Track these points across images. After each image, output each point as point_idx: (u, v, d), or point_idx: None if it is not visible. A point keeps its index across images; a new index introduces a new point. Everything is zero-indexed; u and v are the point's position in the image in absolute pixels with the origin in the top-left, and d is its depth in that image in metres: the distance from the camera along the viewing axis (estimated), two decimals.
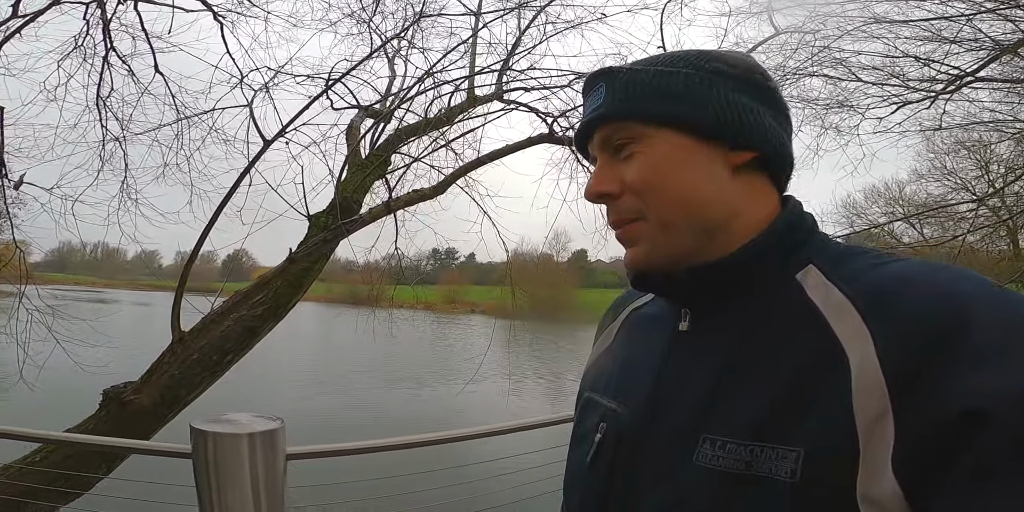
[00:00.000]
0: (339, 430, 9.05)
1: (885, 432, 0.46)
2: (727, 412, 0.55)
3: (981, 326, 0.46)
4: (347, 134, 3.93)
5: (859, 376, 0.48)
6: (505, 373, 7.42)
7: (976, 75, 5.97)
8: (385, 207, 2.76)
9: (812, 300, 0.56)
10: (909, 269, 0.53)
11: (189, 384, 2.85)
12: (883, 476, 0.46)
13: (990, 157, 12.53)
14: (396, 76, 4.58)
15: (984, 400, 0.43)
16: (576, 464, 0.70)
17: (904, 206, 15.15)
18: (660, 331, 0.67)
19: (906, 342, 0.47)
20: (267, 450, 1.49)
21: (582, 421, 0.73)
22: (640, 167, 0.62)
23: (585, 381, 0.79)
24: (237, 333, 3.09)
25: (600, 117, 0.65)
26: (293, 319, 13.12)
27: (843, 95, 6.00)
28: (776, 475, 0.49)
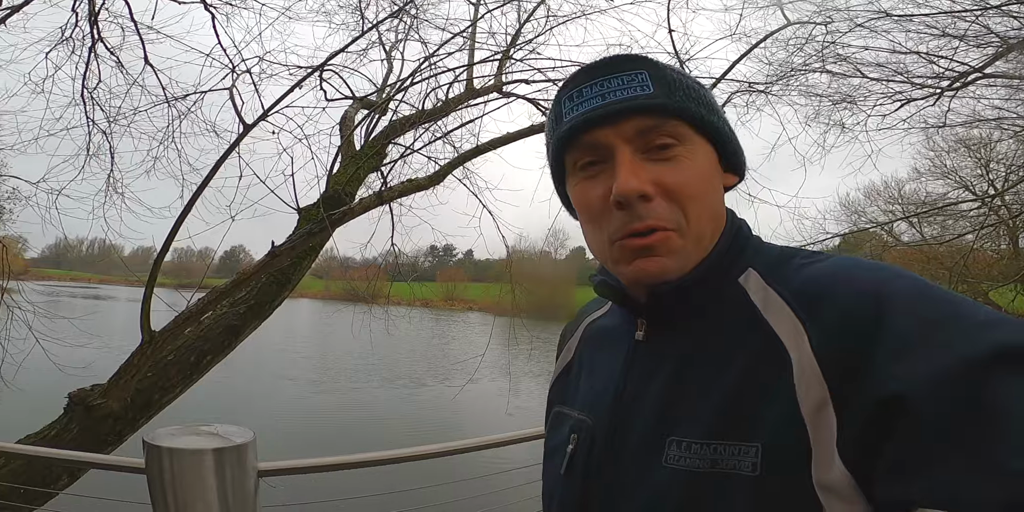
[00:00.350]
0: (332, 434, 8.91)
1: (828, 421, 0.49)
2: (688, 414, 0.57)
3: (901, 317, 0.49)
4: (341, 125, 3.80)
5: (799, 370, 0.52)
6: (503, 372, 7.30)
7: (983, 71, 5.88)
8: (377, 197, 2.62)
9: (754, 302, 0.59)
10: (834, 267, 0.57)
11: (164, 387, 2.70)
12: (833, 463, 0.49)
13: (991, 156, 12.47)
14: (393, 69, 4.46)
15: (904, 385, 0.45)
16: (551, 476, 0.71)
17: (903, 205, 15.08)
18: (619, 342, 0.69)
19: (835, 335, 0.51)
20: (235, 467, 1.35)
21: (554, 434, 0.74)
22: (689, 173, 0.60)
23: (552, 395, 0.81)
24: (217, 333, 2.92)
25: (658, 107, 0.60)
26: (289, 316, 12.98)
27: (848, 91, 5.92)
28: (740, 470, 0.52)
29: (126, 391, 2.41)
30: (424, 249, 19.69)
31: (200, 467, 1.32)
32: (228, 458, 1.34)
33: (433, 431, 9.35)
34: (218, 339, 2.92)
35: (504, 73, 4.21)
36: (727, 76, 3.53)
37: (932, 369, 0.45)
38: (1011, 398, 0.43)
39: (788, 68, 4.89)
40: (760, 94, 4.51)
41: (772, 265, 0.62)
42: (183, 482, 1.31)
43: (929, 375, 0.45)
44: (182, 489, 1.31)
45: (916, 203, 14.10)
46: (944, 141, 11.71)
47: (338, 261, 14.36)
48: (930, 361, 0.46)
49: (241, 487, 1.35)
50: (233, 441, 1.37)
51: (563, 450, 0.69)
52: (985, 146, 11.20)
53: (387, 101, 3.51)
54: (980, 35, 5.59)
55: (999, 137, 8.82)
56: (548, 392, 0.82)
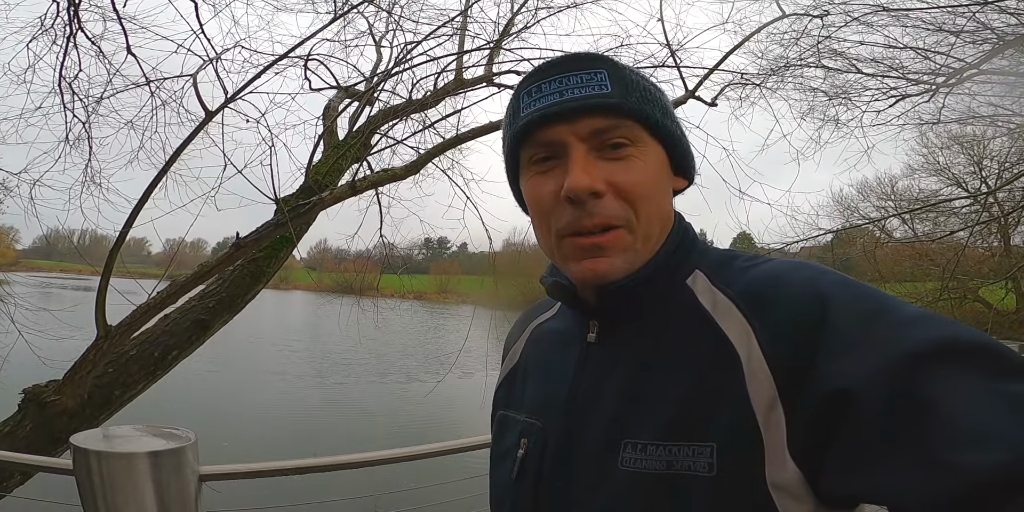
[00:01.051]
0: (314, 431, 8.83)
1: (778, 419, 0.50)
2: (643, 416, 0.57)
3: (840, 316, 0.51)
4: (324, 115, 3.71)
5: (749, 369, 0.53)
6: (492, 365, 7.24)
7: (979, 68, 5.85)
8: (350, 188, 2.53)
9: (702, 304, 0.60)
10: (776, 269, 0.58)
11: (125, 383, 2.60)
12: (784, 461, 0.50)
13: (984, 153, 12.48)
14: (382, 58, 4.37)
15: (847, 380, 0.47)
16: (501, 482, 0.70)
17: (896, 201, 15.11)
18: (569, 344, 0.69)
19: (782, 335, 0.52)
20: (173, 471, 1.28)
21: (500, 440, 0.73)
22: (640, 173, 0.61)
23: (497, 400, 0.79)
24: (184, 327, 2.82)
25: (614, 107, 0.60)
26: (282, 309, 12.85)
27: (843, 87, 5.88)
28: (696, 471, 0.52)
29: (82, 388, 2.33)
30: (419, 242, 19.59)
31: (132, 472, 1.24)
32: (165, 462, 1.26)
33: (423, 428, 9.27)
34: (184, 334, 2.82)
35: (495, 63, 4.14)
36: (720, 67, 3.47)
37: (870, 367, 0.47)
38: (943, 392, 0.44)
39: (783, 62, 4.84)
40: (754, 88, 4.47)
41: (717, 267, 0.63)
42: (113, 487, 1.24)
43: (867, 373, 0.47)
44: (113, 494, 1.24)
45: (909, 200, 14.15)
46: (938, 138, 11.73)
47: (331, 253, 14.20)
48: (868, 359, 0.47)
49: (180, 493, 1.28)
50: (170, 444, 1.30)
51: (513, 455, 0.68)
52: (979, 143, 11.21)
53: (372, 90, 3.42)
54: (976, 31, 5.55)
55: (993, 134, 8.82)
56: (494, 395, 0.80)
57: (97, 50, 4.59)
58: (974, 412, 0.43)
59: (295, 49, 2.63)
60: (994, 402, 0.43)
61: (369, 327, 5.32)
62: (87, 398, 2.43)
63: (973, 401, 0.43)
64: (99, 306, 2.08)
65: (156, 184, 2.07)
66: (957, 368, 0.45)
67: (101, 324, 2.14)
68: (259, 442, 7.87)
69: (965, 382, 0.44)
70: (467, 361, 4.28)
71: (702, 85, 3.47)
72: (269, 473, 1.43)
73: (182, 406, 8.36)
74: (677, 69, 3.20)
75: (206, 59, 2.58)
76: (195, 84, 2.23)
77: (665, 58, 3.34)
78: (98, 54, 4.60)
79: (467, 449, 1.81)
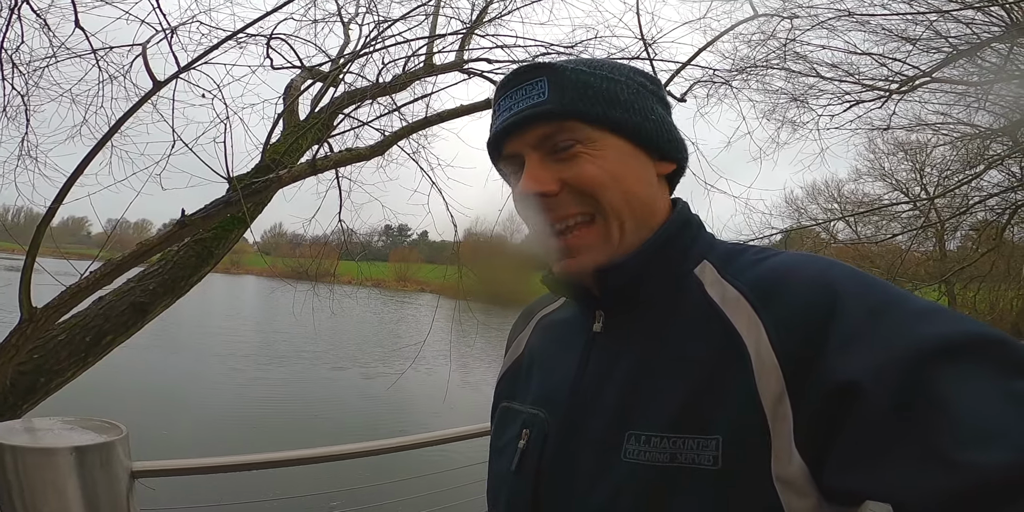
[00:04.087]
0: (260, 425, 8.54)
1: (786, 412, 0.50)
2: (648, 408, 0.57)
3: (849, 309, 0.50)
4: (285, 94, 3.54)
5: (758, 362, 0.53)
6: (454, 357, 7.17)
7: (931, 75, 6.10)
8: (310, 167, 2.40)
9: (711, 295, 0.60)
10: (786, 262, 0.59)
11: (52, 370, 2.41)
12: (790, 455, 0.50)
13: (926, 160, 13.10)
14: (350, 40, 4.20)
15: (855, 374, 0.47)
16: (500, 474, 0.69)
17: (841, 204, 15.72)
18: (574, 334, 0.69)
19: (790, 328, 0.52)
20: (100, 469, 1.18)
21: (502, 432, 0.72)
22: (589, 167, 0.62)
23: (500, 391, 0.78)
24: (120, 311, 2.62)
25: (547, 113, 0.62)
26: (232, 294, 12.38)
27: (801, 91, 6.04)
28: (700, 464, 0.52)
29: (3, 375, 2.12)
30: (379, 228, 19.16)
31: (53, 469, 1.14)
32: (91, 458, 1.16)
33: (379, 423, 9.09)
34: (120, 318, 2.63)
35: (467, 49, 4.04)
36: (692, 63, 3.48)
37: (878, 361, 0.46)
38: (951, 389, 0.44)
39: (750, 62, 4.92)
40: (721, 86, 4.52)
41: (726, 259, 0.63)
42: (32, 484, 1.13)
43: (875, 367, 0.46)
44: (31, 494, 1.13)
45: (854, 203, 14.73)
46: (884, 144, 12.22)
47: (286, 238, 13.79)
48: (876, 353, 0.47)
49: (109, 491, 1.18)
50: (98, 438, 1.19)
51: (513, 446, 0.67)
52: (922, 150, 11.74)
53: (337, 71, 3.27)
54: (932, 39, 5.78)
55: (936, 142, 9.25)
56: (495, 388, 0.80)
57: (42, 22, 4.27)
58: (982, 410, 0.42)
59: (254, 24, 2.47)
60: (1003, 400, 0.43)
61: (325, 314, 5.17)
62: (9, 386, 2.21)
63: (982, 399, 0.43)
64: (24, 287, 1.90)
65: (92, 156, 1.90)
66: (966, 364, 0.45)
67: (26, 306, 1.96)
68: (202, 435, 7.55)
69: (974, 379, 0.44)
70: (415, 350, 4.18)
71: (672, 81, 3.47)
72: (207, 470, 1.34)
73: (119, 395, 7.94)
74: (650, 63, 3.19)
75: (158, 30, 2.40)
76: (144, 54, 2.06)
77: (639, 51, 3.33)
78: (43, 27, 4.28)
79: (422, 445, 1.75)
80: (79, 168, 1.92)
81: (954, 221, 10.13)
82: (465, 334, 5.01)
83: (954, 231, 11.56)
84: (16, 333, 2.02)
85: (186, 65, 2.03)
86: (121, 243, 6.54)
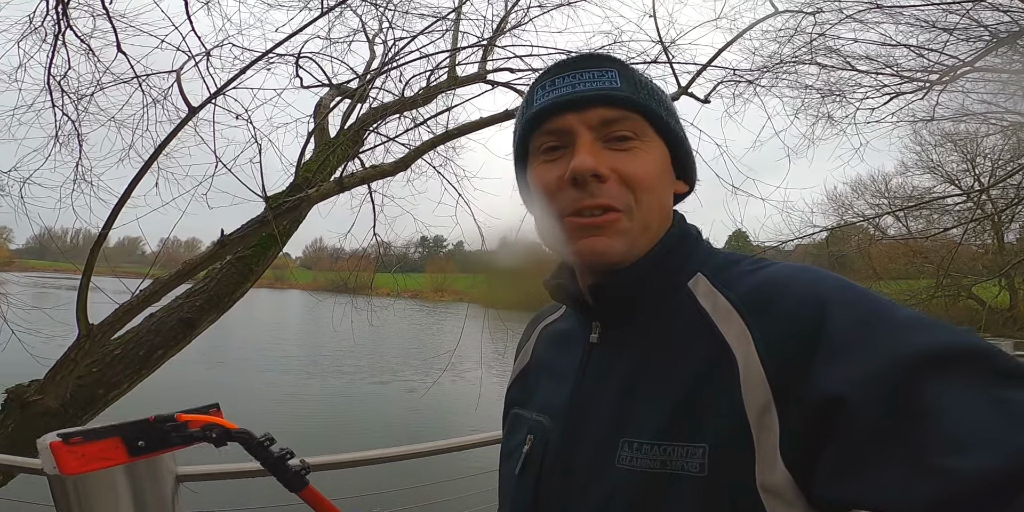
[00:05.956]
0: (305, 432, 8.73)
1: (772, 423, 0.51)
2: (640, 416, 0.59)
3: (837, 322, 0.51)
4: (315, 113, 3.68)
5: (745, 373, 0.54)
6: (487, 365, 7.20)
7: (972, 66, 5.85)
8: (337, 184, 2.50)
9: (703, 306, 0.61)
10: (777, 274, 0.59)
11: (109, 383, 2.57)
12: (775, 465, 0.50)
13: (978, 151, 12.52)
14: (376, 56, 4.34)
15: (842, 385, 0.47)
16: (507, 477, 0.71)
17: (890, 199, 15.14)
18: (574, 344, 0.71)
19: (779, 339, 0.53)
20: (148, 472, 1.26)
21: (511, 437, 0.74)
22: (643, 164, 0.63)
23: (510, 397, 0.81)
24: (170, 326, 2.78)
25: (623, 99, 0.63)
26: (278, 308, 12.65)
27: (837, 84, 5.87)
28: (688, 471, 0.53)
29: (64, 387, 2.29)
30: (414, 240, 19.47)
31: (105, 473, 1.21)
32: (140, 462, 1.22)
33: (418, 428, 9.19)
34: (170, 333, 2.79)
35: (488, 60, 4.11)
36: (713, 64, 3.46)
37: (865, 371, 0.47)
38: (938, 399, 0.44)
39: (777, 59, 4.83)
40: (748, 85, 4.45)
41: (720, 270, 0.64)
42: (87, 488, 1.21)
43: (862, 377, 0.47)
44: (86, 497, 1.21)
45: (903, 197, 14.18)
46: (931, 136, 11.74)
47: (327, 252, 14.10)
48: (863, 363, 0.48)
49: (157, 494, 1.26)
50: None
51: (519, 451, 0.69)
52: (972, 141, 11.23)
53: (363, 87, 3.39)
54: (969, 28, 5.55)
55: (986, 132, 8.84)
56: (506, 394, 0.82)
57: (87, 48, 4.55)
58: (966, 418, 0.43)
59: (281, 45, 2.60)
60: (988, 408, 0.43)
61: (363, 325, 5.29)
62: (70, 398, 2.40)
63: (967, 407, 0.43)
64: (80, 305, 2.06)
65: (138, 180, 2.04)
66: (952, 374, 0.45)
67: (83, 323, 2.11)
68: None
69: (960, 388, 0.44)
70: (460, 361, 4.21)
71: (695, 82, 3.46)
72: (248, 474, 1.41)
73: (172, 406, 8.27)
74: (670, 65, 3.18)
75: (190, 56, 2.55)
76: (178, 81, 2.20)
77: (658, 55, 3.33)
78: (87, 52, 4.56)
79: (457, 449, 1.79)
80: (126, 193, 2.06)
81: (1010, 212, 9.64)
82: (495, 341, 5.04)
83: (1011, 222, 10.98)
84: (75, 348, 2.17)
85: (218, 90, 2.16)
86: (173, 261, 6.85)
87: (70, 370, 2.22)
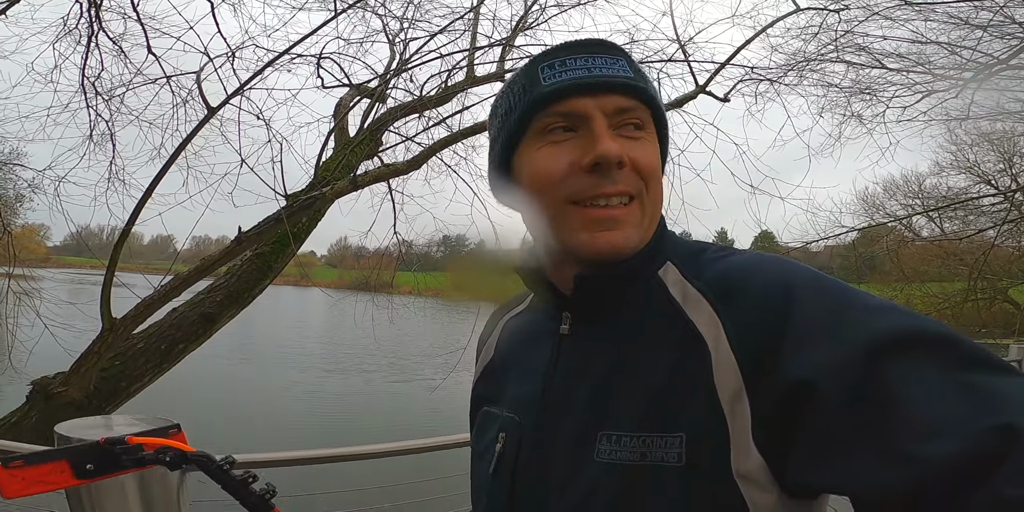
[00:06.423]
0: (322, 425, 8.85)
1: (744, 409, 0.51)
2: (618, 408, 0.58)
3: (805, 309, 0.52)
4: (335, 113, 3.73)
5: (717, 360, 0.54)
6: None
7: (1007, 63, 5.65)
8: (351, 183, 2.54)
9: (673, 295, 0.60)
10: (744, 262, 0.60)
11: (131, 375, 2.64)
12: (749, 451, 0.51)
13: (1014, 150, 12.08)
14: (396, 57, 4.38)
15: (810, 371, 0.48)
16: (480, 476, 0.70)
17: (923, 199, 14.68)
18: (542, 336, 0.69)
19: (749, 327, 0.53)
20: None
21: (482, 435, 0.72)
22: (651, 153, 0.63)
23: (477, 396, 0.79)
24: (191, 321, 2.85)
25: (638, 89, 0.62)
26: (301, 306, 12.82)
27: (866, 82, 5.72)
28: (666, 461, 0.53)
29: (87, 379, 2.37)
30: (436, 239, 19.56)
31: None
32: None
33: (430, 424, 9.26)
34: (191, 327, 2.86)
35: (507, 60, 4.13)
36: (734, 63, 3.41)
37: (833, 357, 0.48)
38: (904, 383, 0.45)
39: (802, 57, 4.73)
40: (771, 84, 4.37)
41: (687, 259, 0.64)
42: None
43: (830, 363, 0.48)
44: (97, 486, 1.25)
45: (937, 198, 13.74)
46: (967, 135, 11.35)
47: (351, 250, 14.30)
48: (831, 350, 0.48)
49: (162, 482, 1.30)
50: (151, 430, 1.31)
51: (492, 449, 0.68)
52: (1008, 140, 10.84)
53: (383, 87, 3.43)
54: (1003, 25, 5.36)
55: (1022, 131, 8.52)
56: (471, 391, 0.80)
57: (118, 49, 4.69)
58: (933, 403, 0.44)
59: (298, 44, 2.65)
60: (954, 393, 0.44)
61: (385, 324, 5.34)
62: (93, 390, 2.48)
63: (932, 392, 0.44)
64: (104, 300, 2.13)
65: (160, 177, 2.11)
66: (918, 359, 0.46)
67: (106, 317, 2.19)
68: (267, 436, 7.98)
69: (926, 373, 0.45)
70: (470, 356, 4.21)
71: (714, 81, 3.42)
72: (253, 465, 1.45)
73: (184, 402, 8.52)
74: (687, 63, 3.15)
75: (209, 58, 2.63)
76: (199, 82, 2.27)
77: (674, 53, 3.29)
78: (119, 53, 4.70)
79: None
80: (149, 190, 2.13)
81: None
82: None
83: None
84: (98, 341, 2.26)
85: (236, 90, 2.23)
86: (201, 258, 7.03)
87: (93, 363, 2.30)
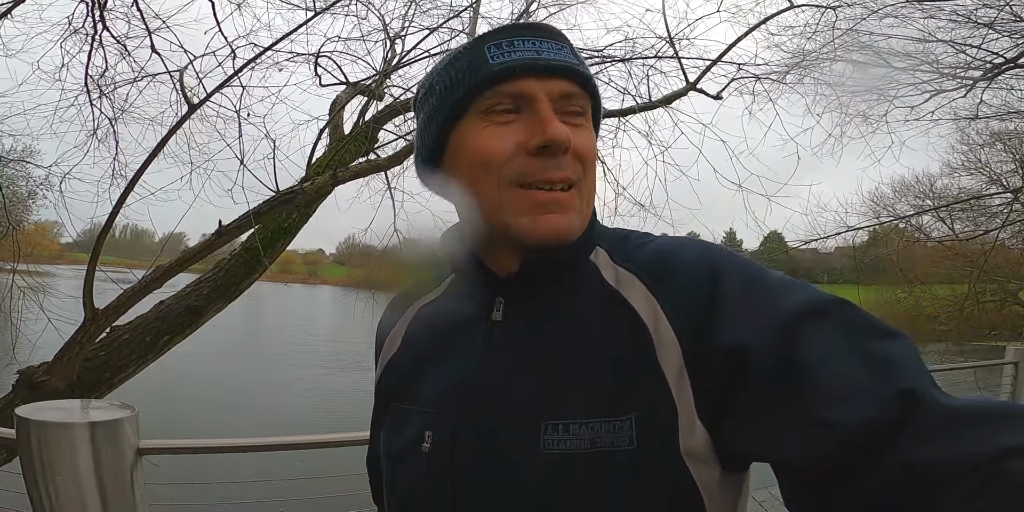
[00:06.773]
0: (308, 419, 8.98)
1: (686, 385, 0.53)
2: (562, 395, 0.56)
3: (729, 286, 0.55)
4: (330, 110, 3.77)
5: (658, 340, 0.55)
6: None
7: (1016, 62, 5.58)
8: (332, 178, 2.56)
9: (606, 279, 0.61)
10: (669, 244, 0.63)
11: (116, 366, 2.68)
12: (694, 428, 0.52)
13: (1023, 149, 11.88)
14: (396, 55, 4.41)
15: (739, 338, 0.51)
16: (408, 480, 0.64)
17: (934, 200, 14.47)
18: (469, 324, 0.65)
19: (684, 305, 0.55)
20: (109, 443, 1.31)
21: (396, 435, 0.67)
22: (590, 140, 0.63)
23: (383, 393, 0.73)
24: (177, 313, 2.88)
25: (583, 77, 0.62)
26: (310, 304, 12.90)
27: (871, 81, 5.66)
28: (618, 446, 0.53)
29: (70, 369, 2.41)
30: None
31: (71, 441, 1.29)
32: (102, 433, 1.30)
33: None
34: (177, 320, 2.89)
35: None
36: (727, 60, 3.40)
37: (754, 329, 0.50)
38: (814, 352, 0.48)
39: (800, 56, 4.69)
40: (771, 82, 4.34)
41: (615, 245, 0.65)
42: (50, 455, 1.28)
43: (752, 335, 0.50)
44: (50, 463, 1.29)
45: (947, 198, 13.53)
46: (979, 135, 11.19)
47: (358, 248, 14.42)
48: (752, 323, 0.51)
49: (117, 464, 1.32)
50: (109, 416, 1.33)
51: (416, 451, 0.62)
52: (1019, 139, 10.67)
53: (376, 85, 3.46)
54: (1012, 22, 5.29)
55: None
56: (375, 387, 0.74)
57: (122, 48, 4.75)
58: (842, 370, 0.47)
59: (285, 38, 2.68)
60: (861, 360, 0.47)
61: None
62: (77, 379, 2.52)
63: (841, 360, 0.47)
64: (87, 290, 2.16)
65: (142, 172, 2.15)
66: (825, 328, 0.49)
67: (89, 308, 2.23)
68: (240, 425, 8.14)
69: (833, 341, 0.49)
70: None
71: (708, 78, 3.41)
72: (207, 450, 1.47)
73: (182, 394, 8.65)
74: (678, 60, 3.14)
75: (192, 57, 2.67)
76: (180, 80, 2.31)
77: (662, 49, 3.28)
78: (123, 52, 4.77)
79: None
80: (131, 182, 2.17)
81: None
82: None
83: None
84: (81, 332, 2.30)
85: (216, 87, 2.26)
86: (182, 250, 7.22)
87: (76, 352, 2.34)
